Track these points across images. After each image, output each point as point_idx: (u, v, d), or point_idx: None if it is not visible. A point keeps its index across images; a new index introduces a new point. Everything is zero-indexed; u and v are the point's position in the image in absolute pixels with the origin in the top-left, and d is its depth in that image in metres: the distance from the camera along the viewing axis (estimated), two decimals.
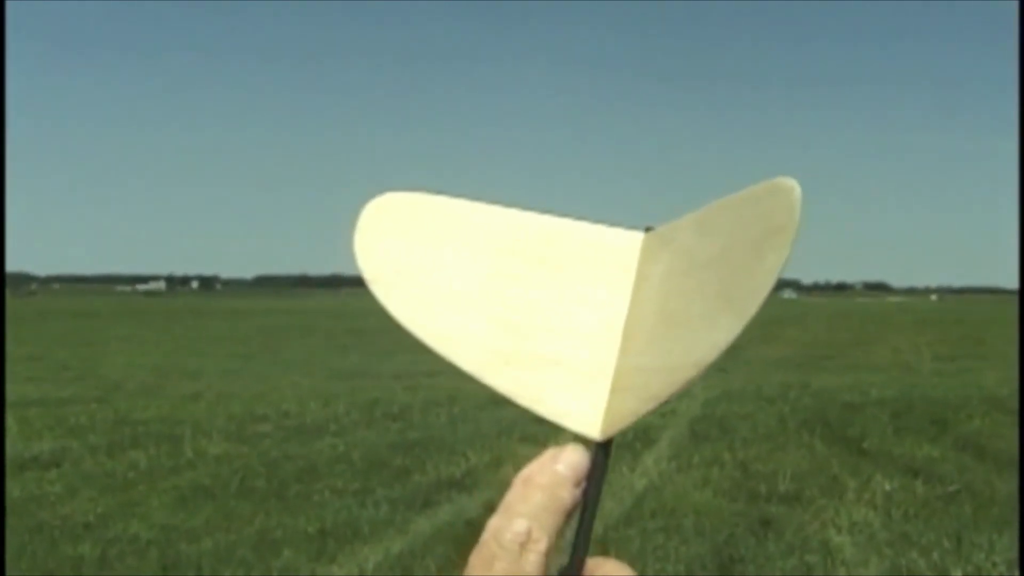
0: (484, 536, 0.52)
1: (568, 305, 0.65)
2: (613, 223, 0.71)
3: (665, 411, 10.32)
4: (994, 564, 5.08)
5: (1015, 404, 10.88)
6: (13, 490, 6.79)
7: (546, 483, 0.53)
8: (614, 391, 0.59)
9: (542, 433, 8.79)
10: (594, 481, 0.56)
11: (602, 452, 0.57)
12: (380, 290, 0.64)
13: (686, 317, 0.60)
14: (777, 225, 0.57)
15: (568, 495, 0.53)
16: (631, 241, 0.68)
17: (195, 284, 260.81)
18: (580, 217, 0.69)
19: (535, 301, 0.65)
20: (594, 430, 0.57)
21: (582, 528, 0.55)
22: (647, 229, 0.68)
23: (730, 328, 0.55)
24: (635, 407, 0.57)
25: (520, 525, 0.51)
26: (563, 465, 0.54)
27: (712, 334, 0.56)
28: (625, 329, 0.63)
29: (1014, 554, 5.23)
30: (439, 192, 0.69)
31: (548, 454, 0.55)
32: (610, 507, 6.25)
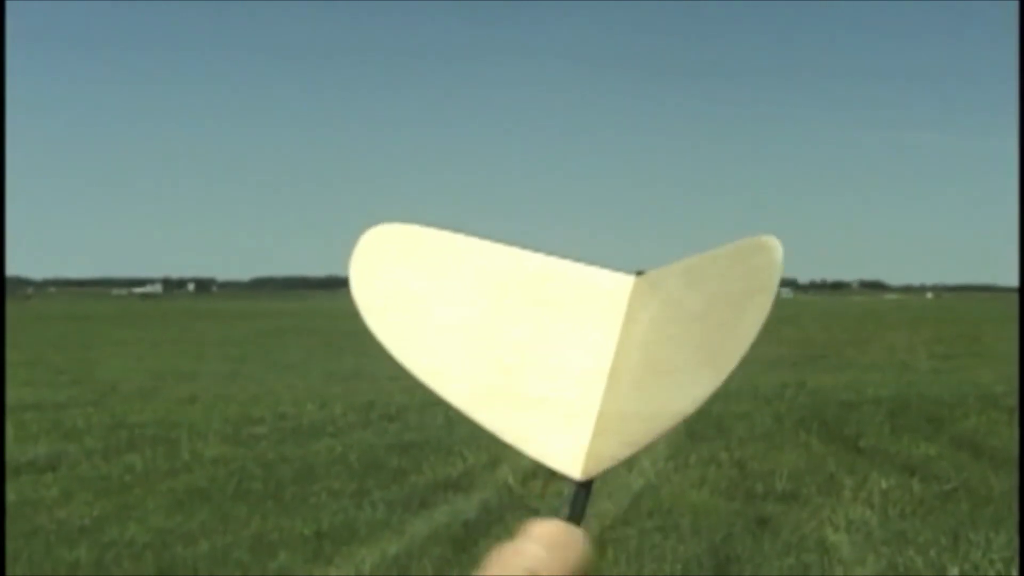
0: None
1: (557, 345, 0.66)
2: (610, 229, 0.71)
3: None
4: (991, 562, 5.08)
5: (1011, 402, 10.89)
6: (9, 494, 6.77)
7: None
8: (597, 434, 0.60)
9: None
10: (575, 521, 0.57)
11: (583, 492, 0.59)
12: (373, 320, 0.66)
13: (669, 367, 0.62)
14: (759, 285, 0.59)
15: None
16: (622, 284, 0.70)
17: (191, 287, 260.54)
18: (574, 253, 0.71)
19: (525, 340, 0.67)
20: (576, 470, 0.59)
21: None
22: (638, 273, 0.70)
23: (710, 382, 0.56)
24: (616, 451, 0.58)
25: None
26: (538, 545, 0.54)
27: (692, 387, 0.58)
28: (611, 373, 0.64)
29: (1011, 552, 5.23)
30: (435, 218, 0.72)
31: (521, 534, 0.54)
32: (607, 507, 6.25)
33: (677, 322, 0.64)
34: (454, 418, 10.10)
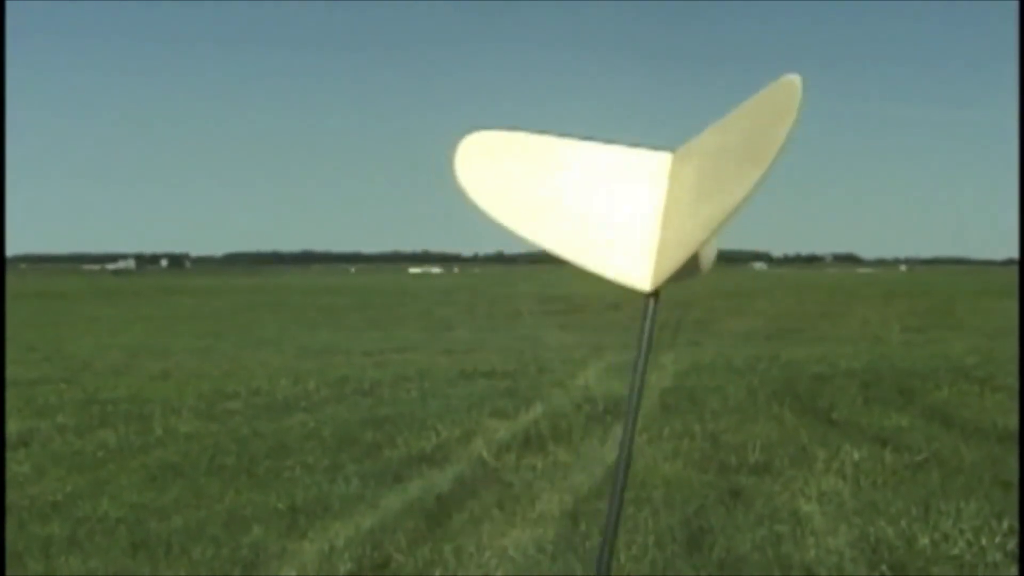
0: None
1: (620, 200, 0.94)
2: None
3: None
4: (961, 531, 5.13)
5: (982, 374, 11.02)
6: None
7: None
8: (659, 252, 0.87)
9: (512, 407, 8.79)
10: (647, 330, 0.85)
11: (652, 301, 0.88)
12: (476, 195, 0.94)
13: (719, 182, 0.85)
14: (786, 105, 0.80)
15: None
16: (662, 157, 0.98)
17: (164, 262, 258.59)
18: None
19: (594, 199, 0.95)
20: (645, 284, 0.87)
21: (631, 400, 0.67)
22: (674, 152, 0.99)
23: (752, 173, 0.78)
24: (675, 254, 0.83)
25: None
26: None
27: (738, 183, 0.79)
28: (666, 209, 0.91)
29: (980, 521, 5.28)
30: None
31: None
32: (581, 480, 6.27)
33: (720, 154, 0.88)
34: (427, 392, 10.14)
